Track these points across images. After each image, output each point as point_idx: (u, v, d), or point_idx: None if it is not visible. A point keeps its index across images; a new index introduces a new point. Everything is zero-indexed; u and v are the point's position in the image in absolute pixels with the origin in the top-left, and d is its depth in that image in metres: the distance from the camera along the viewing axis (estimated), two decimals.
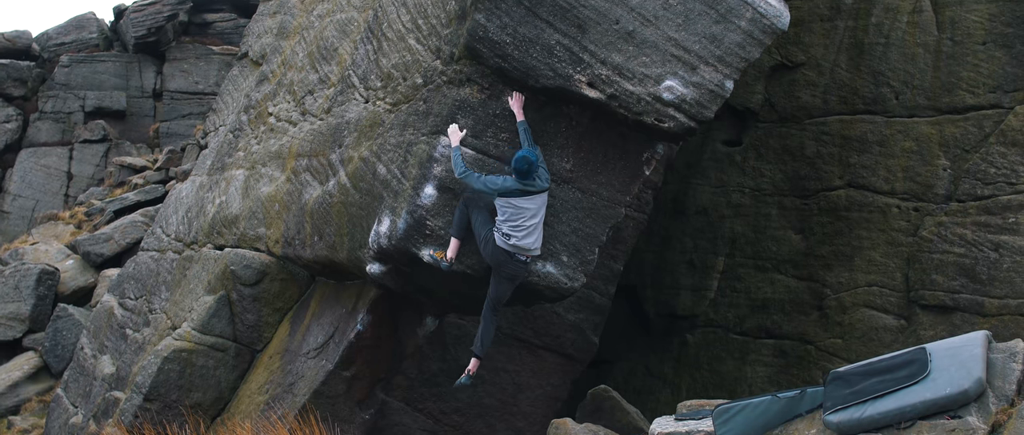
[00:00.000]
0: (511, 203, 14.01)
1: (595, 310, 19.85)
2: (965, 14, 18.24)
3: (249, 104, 25.80)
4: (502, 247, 14.16)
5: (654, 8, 13.99)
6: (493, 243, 14.20)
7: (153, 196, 41.60)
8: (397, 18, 17.69)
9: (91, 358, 26.07)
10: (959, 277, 17.40)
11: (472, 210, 14.46)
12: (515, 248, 14.14)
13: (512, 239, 14.04)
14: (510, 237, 14.05)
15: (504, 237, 14.07)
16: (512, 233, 14.03)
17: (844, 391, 11.04)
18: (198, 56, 51.98)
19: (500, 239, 14.12)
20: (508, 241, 14.08)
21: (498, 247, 14.18)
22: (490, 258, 14.39)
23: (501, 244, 14.14)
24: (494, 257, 14.31)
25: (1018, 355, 10.46)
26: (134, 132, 50.75)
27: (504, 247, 14.15)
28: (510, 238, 14.06)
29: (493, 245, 14.20)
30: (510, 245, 14.12)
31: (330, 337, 18.32)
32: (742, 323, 20.82)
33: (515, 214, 14.04)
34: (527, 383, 19.58)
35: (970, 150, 17.77)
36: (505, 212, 14.05)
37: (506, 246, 14.14)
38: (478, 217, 14.43)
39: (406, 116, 15.79)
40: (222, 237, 22.73)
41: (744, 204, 21.25)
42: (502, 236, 14.08)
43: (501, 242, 14.12)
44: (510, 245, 14.12)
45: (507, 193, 13.99)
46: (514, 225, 14.02)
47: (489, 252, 14.33)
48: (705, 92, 14.29)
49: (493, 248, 14.22)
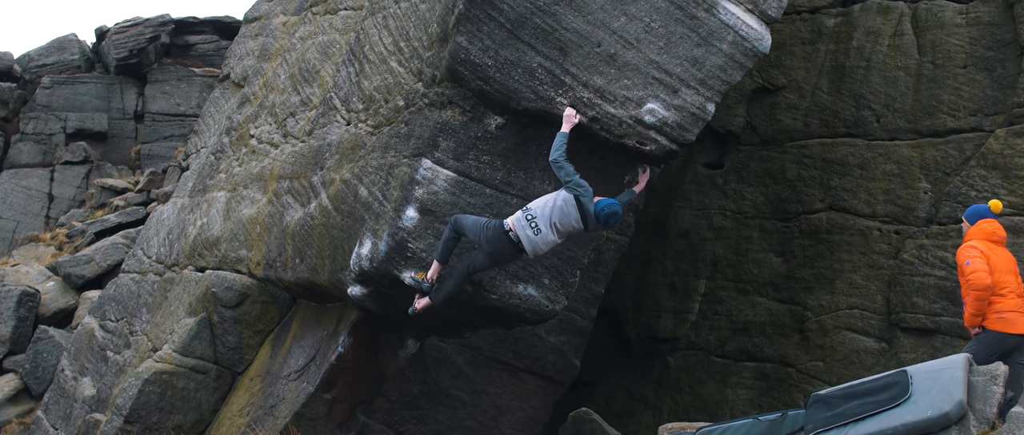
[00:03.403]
0: (569, 202, 13.76)
1: (576, 333, 19.84)
2: (946, 38, 18.30)
3: (231, 126, 25.78)
4: (514, 230, 13.79)
5: (636, 31, 14.00)
6: (496, 228, 13.86)
7: (134, 218, 41.44)
8: (379, 41, 17.70)
9: (72, 380, 25.99)
10: (940, 300, 17.41)
11: (461, 222, 14.28)
12: (531, 241, 13.78)
13: (541, 232, 13.72)
14: (539, 230, 13.69)
15: (533, 228, 13.70)
16: (544, 227, 13.68)
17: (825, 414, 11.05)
18: (180, 78, 51.89)
19: (519, 223, 13.78)
20: (531, 232, 13.71)
21: (502, 233, 13.81)
22: (488, 244, 14.00)
23: (516, 224, 13.78)
24: (493, 243, 13.92)
25: (999, 378, 10.48)
26: (116, 154, 50.62)
27: (517, 233, 13.76)
28: (539, 232, 13.71)
29: (494, 229, 13.84)
30: (525, 237, 13.74)
31: (311, 359, 18.30)
32: (723, 346, 20.82)
33: (565, 218, 13.76)
34: (508, 406, 19.56)
35: (951, 173, 17.80)
36: (557, 213, 13.73)
37: (521, 236, 13.76)
38: (469, 220, 14.17)
39: (388, 138, 15.78)
40: (203, 259, 22.70)
41: (725, 227, 21.27)
42: (527, 223, 13.73)
43: (519, 226, 13.76)
44: (525, 237, 13.74)
45: (578, 189, 13.76)
46: (558, 225, 13.74)
47: (488, 237, 13.94)
48: (687, 115, 14.31)
49: (494, 233, 13.84)
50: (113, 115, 51.22)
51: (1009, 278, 13.59)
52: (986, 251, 13.58)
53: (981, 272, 13.31)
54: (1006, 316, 13.42)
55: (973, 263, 13.42)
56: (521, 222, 13.78)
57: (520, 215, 13.83)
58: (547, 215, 13.74)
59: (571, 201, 13.70)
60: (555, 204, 13.77)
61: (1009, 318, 13.42)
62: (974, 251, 13.56)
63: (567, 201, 13.73)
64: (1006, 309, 13.43)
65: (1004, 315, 13.42)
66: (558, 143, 13.82)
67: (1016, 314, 13.46)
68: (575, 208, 13.74)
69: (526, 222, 13.73)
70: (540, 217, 13.75)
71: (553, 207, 13.75)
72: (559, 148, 13.77)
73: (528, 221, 13.75)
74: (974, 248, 13.62)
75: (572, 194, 13.72)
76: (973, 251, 13.57)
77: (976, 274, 13.33)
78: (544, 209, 13.79)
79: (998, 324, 13.42)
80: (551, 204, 13.79)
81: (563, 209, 13.76)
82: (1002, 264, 13.64)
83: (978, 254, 13.50)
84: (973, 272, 13.37)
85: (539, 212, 13.79)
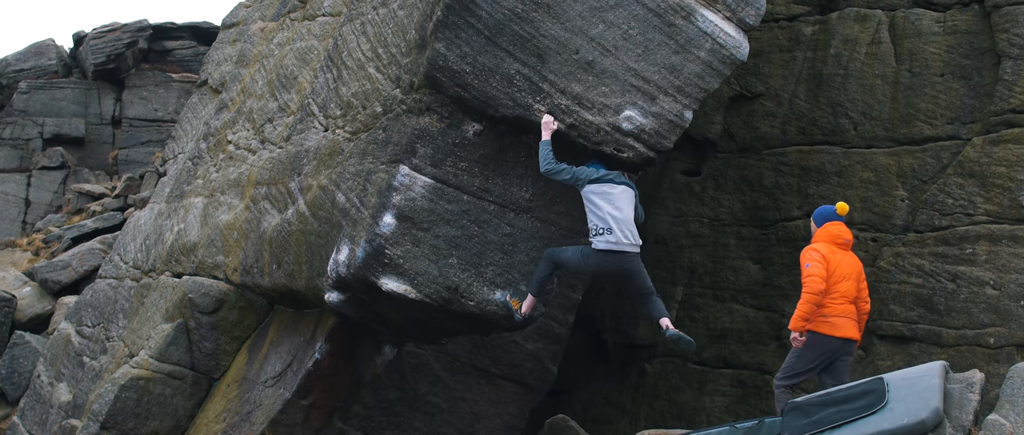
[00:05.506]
0: (603, 190, 13.84)
1: (553, 339, 19.83)
2: (923, 46, 18.35)
3: (208, 132, 25.73)
4: (604, 248, 13.80)
5: (614, 38, 14.01)
6: (594, 252, 13.88)
7: (111, 223, 41.30)
8: (357, 47, 17.69)
9: (48, 386, 25.89)
10: (917, 307, 17.45)
11: (559, 255, 14.31)
12: (616, 242, 13.77)
13: (613, 230, 13.72)
14: (610, 229, 13.72)
15: (604, 232, 13.73)
16: (610, 222, 13.70)
17: (802, 421, 11.08)
18: (157, 83, 51.72)
19: (599, 241, 13.78)
20: (609, 234, 13.74)
21: (601, 250, 13.83)
22: (599, 267, 14.10)
23: (602, 246, 13.79)
24: (603, 265, 13.98)
25: (975, 385, 10.52)
26: (93, 159, 50.43)
27: (606, 247, 13.78)
28: (611, 230, 13.72)
29: (595, 254, 13.88)
30: (611, 242, 13.76)
31: (288, 365, 18.27)
32: (700, 353, 20.82)
33: (610, 198, 13.81)
34: (485, 412, 19.55)
35: (928, 181, 17.85)
36: (599, 201, 13.81)
37: (608, 245, 13.78)
38: (567, 251, 14.29)
39: (366, 144, 15.76)
40: (180, 265, 22.64)
41: (703, 234, 21.28)
42: (601, 235, 13.75)
43: (602, 243, 13.77)
44: (611, 242, 13.76)
45: (599, 180, 13.88)
46: (612, 208, 13.77)
47: (593, 264, 14.03)
48: (664, 122, 14.32)
49: (597, 257, 13.89)
50: (90, 120, 51.01)
51: (847, 284, 13.72)
52: (828, 255, 13.69)
53: (816, 277, 13.42)
54: (832, 320, 13.57)
55: (812, 267, 13.52)
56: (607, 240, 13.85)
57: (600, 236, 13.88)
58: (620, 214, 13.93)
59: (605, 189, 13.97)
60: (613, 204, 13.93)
61: (835, 322, 13.56)
62: (815, 254, 13.66)
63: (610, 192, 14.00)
64: (833, 313, 13.57)
65: (830, 319, 13.57)
66: (543, 154, 13.86)
67: (844, 319, 13.60)
68: (582, 184, 14.02)
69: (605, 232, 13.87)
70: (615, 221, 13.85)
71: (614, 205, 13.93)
72: (546, 158, 13.80)
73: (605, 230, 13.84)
74: (816, 251, 13.72)
75: (585, 185, 13.96)
76: (814, 254, 13.66)
77: (812, 278, 13.43)
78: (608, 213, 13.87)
79: (823, 326, 13.56)
80: (611, 207, 13.91)
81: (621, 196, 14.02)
82: (844, 269, 13.76)
83: (819, 258, 13.60)
84: (809, 276, 13.48)
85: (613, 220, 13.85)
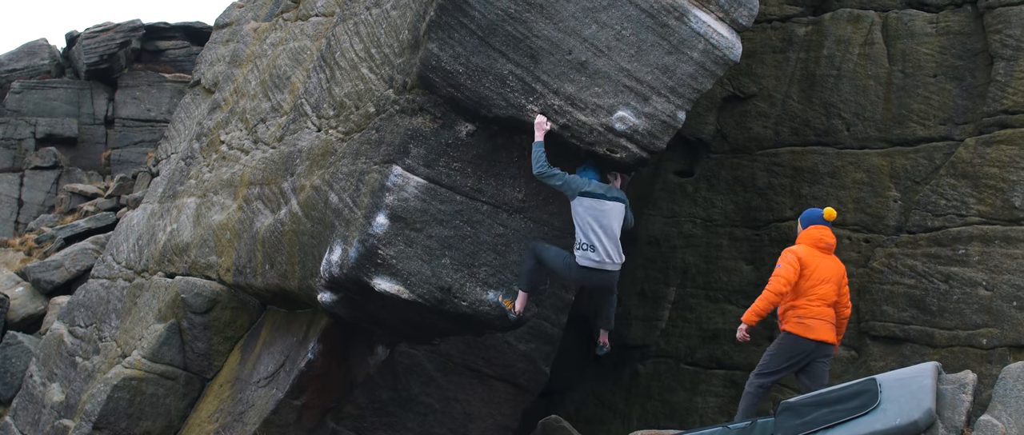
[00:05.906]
0: (593, 205, 13.90)
1: (546, 340, 19.82)
2: (916, 47, 18.36)
3: (201, 132, 25.72)
4: (587, 265, 13.91)
5: (607, 39, 14.00)
6: (577, 266, 13.98)
7: (104, 223, 41.28)
8: (350, 47, 17.68)
9: (40, 386, 25.88)
10: (909, 308, 17.45)
11: (542, 251, 14.39)
12: (599, 262, 13.86)
13: (597, 248, 13.80)
14: (594, 247, 13.80)
15: (588, 248, 13.82)
16: (595, 240, 13.78)
17: (794, 422, 11.07)
18: (150, 83, 51.64)
19: (583, 257, 13.87)
20: (593, 253, 13.83)
21: (583, 267, 13.93)
22: (579, 280, 14.30)
23: (585, 263, 13.88)
24: (583, 279, 14.16)
25: (968, 386, 10.51)
26: (85, 159, 50.38)
27: (589, 265, 13.89)
28: (594, 248, 13.81)
29: (578, 268, 13.98)
30: (594, 260, 13.85)
31: (281, 366, 18.25)
32: (693, 353, 20.82)
33: (599, 215, 13.88)
34: (478, 413, 19.53)
35: (921, 182, 17.86)
36: (587, 217, 13.85)
37: (591, 263, 13.88)
38: (551, 251, 14.36)
39: (358, 145, 15.74)
40: (173, 265, 22.63)
41: (696, 235, 21.28)
42: (585, 250, 13.83)
43: (585, 260, 13.87)
44: (594, 260, 13.85)
45: (591, 193, 13.91)
46: (599, 226, 13.83)
47: (574, 276, 14.18)
48: (657, 123, 14.30)
49: (578, 271, 14.01)
50: (83, 120, 50.94)
51: (826, 287, 13.76)
52: (806, 258, 13.75)
53: (782, 278, 13.52)
54: (807, 321, 13.66)
55: (782, 267, 13.63)
56: (590, 258, 13.93)
57: (582, 255, 13.94)
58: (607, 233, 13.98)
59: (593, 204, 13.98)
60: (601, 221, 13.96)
61: (809, 324, 13.65)
62: (791, 256, 13.74)
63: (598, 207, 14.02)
64: (808, 315, 13.66)
65: (805, 321, 13.66)
66: (536, 155, 13.85)
67: (819, 322, 13.67)
68: (573, 193, 14.01)
69: (587, 249, 13.94)
70: (600, 240, 13.90)
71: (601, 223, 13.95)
72: (539, 159, 13.81)
73: (589, 247, 13.91)
74: (793, 254, 13.78)
75: (576, 195, 13.94)
76: (790, 256, 13.74)
77: (777, 279, 13.55)
78: (594, 230, 13.90)
79: (797, 328, 13.67)
80: (598, 225, 13.94)
81: (610, 213, 14.08)
82: (823, 272, 13.80)
83: (793, 259, 13.68)
84: (775, 276, 13.60)
85: (597, 239, 13.90)
